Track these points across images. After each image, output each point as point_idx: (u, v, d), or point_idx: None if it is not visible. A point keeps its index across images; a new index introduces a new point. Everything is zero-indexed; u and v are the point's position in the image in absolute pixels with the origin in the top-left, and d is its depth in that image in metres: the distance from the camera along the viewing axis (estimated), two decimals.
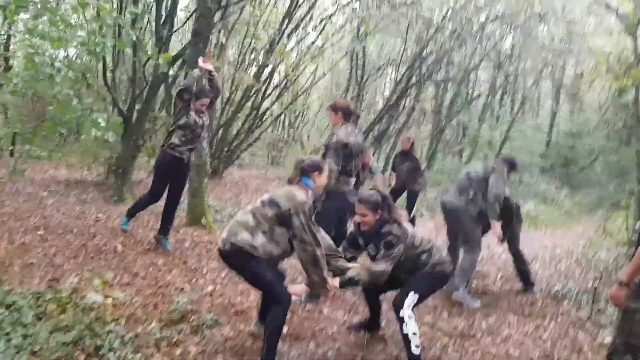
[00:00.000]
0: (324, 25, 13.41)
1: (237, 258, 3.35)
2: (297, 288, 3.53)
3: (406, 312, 3.52)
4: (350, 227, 5.43)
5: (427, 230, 8.71)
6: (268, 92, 13.45)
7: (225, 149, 12.55)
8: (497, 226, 5.23)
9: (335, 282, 3.54)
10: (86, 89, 8.63)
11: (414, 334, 3.49)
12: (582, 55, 14.43)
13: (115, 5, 8.09)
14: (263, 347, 3.29)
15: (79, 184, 8.86)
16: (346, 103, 5.00)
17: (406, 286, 3.66)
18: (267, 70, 12.78)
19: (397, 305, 3.57)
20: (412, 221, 7.77)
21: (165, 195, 5.66)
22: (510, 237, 5.71)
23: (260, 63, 12.22)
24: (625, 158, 15.72)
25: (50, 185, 8.39)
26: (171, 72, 9.36)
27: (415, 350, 3.47)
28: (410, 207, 8.04)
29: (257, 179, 13.84)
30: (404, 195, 8.12)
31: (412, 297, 3.58)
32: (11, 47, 10.19)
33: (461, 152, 18.15)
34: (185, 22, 9.60)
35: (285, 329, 3.92)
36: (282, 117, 17.76)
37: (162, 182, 5.55)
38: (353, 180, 4.90)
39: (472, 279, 5.55)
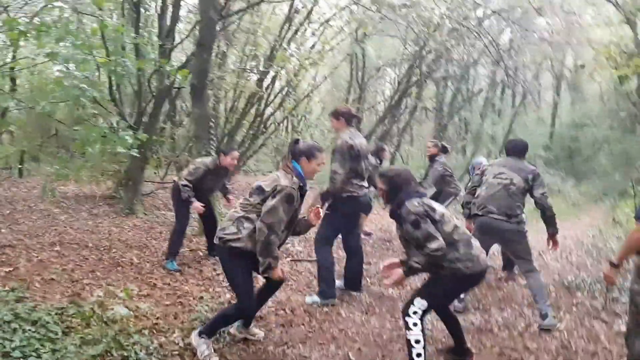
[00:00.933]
0: (323, 29, 13.49)
1: (222, 252, 3.53)
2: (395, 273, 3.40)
3: (410, 319, 3.32)
4: (362, 229, 5.48)
5: None
6: (271, 98, 13.54)
7: None
8: None
9: (397, 273, 3.37)
10: (92, 104, 8.71)
11: (417, 341, 3.27)
12: (582, 47, 14.45)
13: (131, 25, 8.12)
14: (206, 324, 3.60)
15: (89, 198, 8.94)
16: (347, 108, 5.10)
17: (416, 291, 3.54)
18: (269, 77, 12.87)
19: (403, 312, 3.39)
20: None
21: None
22: None
23: (262, 70, 12.29)
24: (630, 146, 15.72)
25: (61, 201, 8.47)
26: (176, 84, 9.45)
27: (417, 358, 3.26)
28: None
29: None
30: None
31: (418, 303, 3.35)
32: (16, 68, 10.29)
33: (465, 149, 18.17)
34: (189, 34, 9.66)
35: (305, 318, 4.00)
36: (286, 121, 17.84)
37: (182, 209, 5.69)
38: (365, 183, 4.96)
39: None
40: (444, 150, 7.70)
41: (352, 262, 5.17)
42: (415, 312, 3.33)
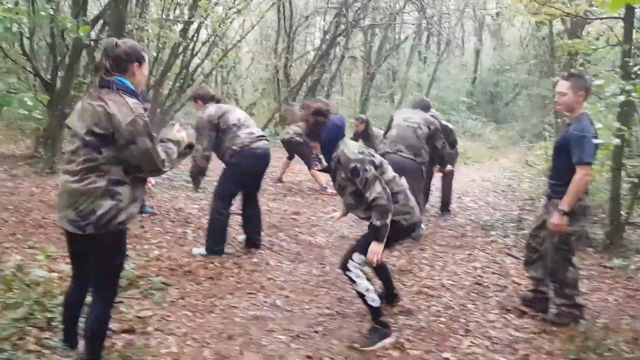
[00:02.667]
0: None
1: (108, 238, 2.52)
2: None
3: (352, 272, 3.30)
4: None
5: None
6: (197, 48, 13.15)
7: (158, 110, 12.28)
8: None
9: (377, 247, 3.23)
10: (3, 59, 8.20)
11: (367, 289, 3.29)
12: None
13: None
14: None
15: (7, 159, 8.54)
16: (205, 90, 5.09)
17: (352, 246, 3.47)
18: (194, 26, 12.44)
19: (342, 268, 3.36)
20: None
21: None
22: None
23: (186, 19, 11.86)
24: (546, 90, 16.43)
25: None
26: (93, 35, 9.00)
27: (373, 303, 3.30)
28: None
29: (192, 138, 13.66)
30: None
31: (357, 258, 3.31)
32: None
33: (392, 96, 18.49)
34: None
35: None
36: (214, 73, 17.41)
37: None
38: (260, 132, 4.94)
39: None
40: (367, 124, 8.24)
41: (249, 223, 5.13)
42: (355, 267, 3.30)
